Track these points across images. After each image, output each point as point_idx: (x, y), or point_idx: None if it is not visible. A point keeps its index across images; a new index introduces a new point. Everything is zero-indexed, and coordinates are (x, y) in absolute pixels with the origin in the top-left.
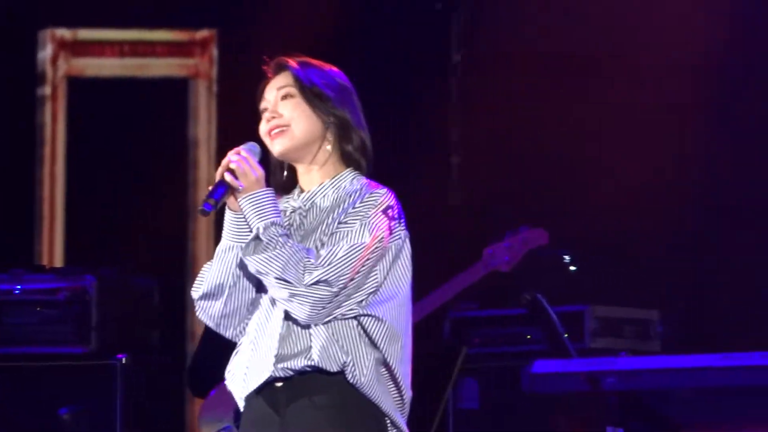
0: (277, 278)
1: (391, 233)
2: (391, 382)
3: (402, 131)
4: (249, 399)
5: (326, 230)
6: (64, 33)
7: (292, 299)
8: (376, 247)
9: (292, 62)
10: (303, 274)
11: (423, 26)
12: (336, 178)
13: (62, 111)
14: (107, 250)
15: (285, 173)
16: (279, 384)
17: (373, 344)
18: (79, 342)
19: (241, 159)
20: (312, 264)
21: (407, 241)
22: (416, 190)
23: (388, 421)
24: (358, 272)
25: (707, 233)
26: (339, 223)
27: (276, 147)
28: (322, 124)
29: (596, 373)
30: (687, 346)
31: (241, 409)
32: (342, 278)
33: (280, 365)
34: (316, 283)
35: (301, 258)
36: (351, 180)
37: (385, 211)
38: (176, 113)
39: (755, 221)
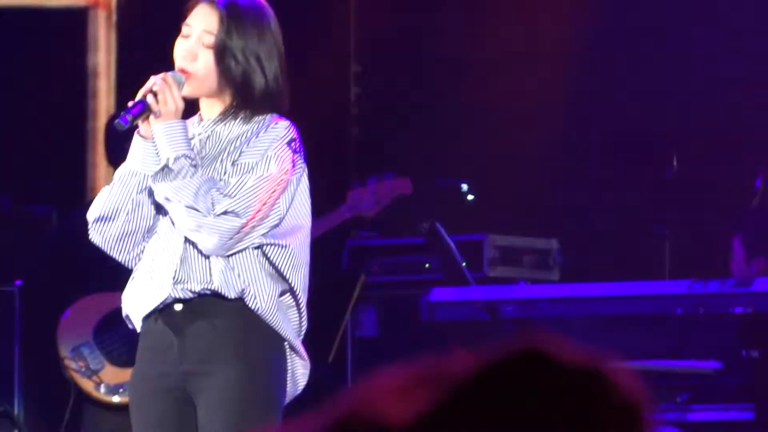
0: (187, 206)
1: (293, 166)
2: (293, 309)
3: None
4: (147, 323)
5: (228, 158)
6: None
7: (200, 229)
8: (282, 179)
9: (223, 4)
10: (212, 205)
11: None
12: (239, 112)
13: None
14: (5, 180)
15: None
16: (178, 307)
17: (278, 272)
18: None
19: (165, 85)
20: (220, 194)
21: (305, 173)
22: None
23: (287, 345)
24: (265, 204)
25: (606, 164)
26: (242, 153)
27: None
28: (233, 81)
29: (494, 301)
30: (585, 276)
31: (138, 329)
32: (250, 209)
33: (179, 286)
34: (225, 213)
35: (209, 188)
36: (252, 112)
37: (289, 144)
38: (75, 43)
39: (654, 148)
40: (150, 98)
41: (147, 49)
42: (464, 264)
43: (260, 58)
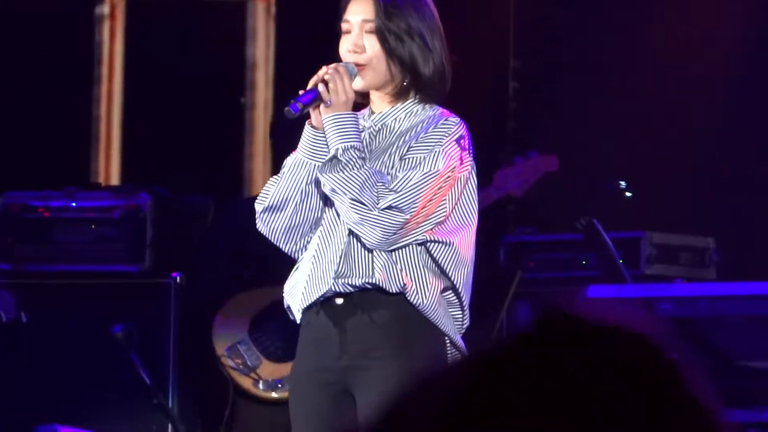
0: (352, 199)
1: (461, 163)
2: (456, 306)
3: None
4: (308, 315)
5: (396, 153)
6: None
7: (363, 223)
8: (448, 176)
9: None
10: (377, 198)
11: None
12: (409, 102)
13: (120, 30)
14: (163, 171)
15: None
16: (339, 301)
17: (441, 269)
18: (133, 260)
19: (337, 75)
20: (385, 188)
21: (474, 172)
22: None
23: (448, 341)
24: (430, 200)
25: (764, 162)
26: (410, 148)
27: (356, 82)
28: (401, 63)
29: (651, 299)
30: (742, 274)
31: (298, 321)
32: (414, 205)
33: (340, 281)
34: (389, 208)
35: (376, 181)
36: (423, 105)
37: (458, 141)
38: (234, 35)
39: None
40: (321, 87)
41: (306, 42)
42: (621, 261)
43: (424, 36)
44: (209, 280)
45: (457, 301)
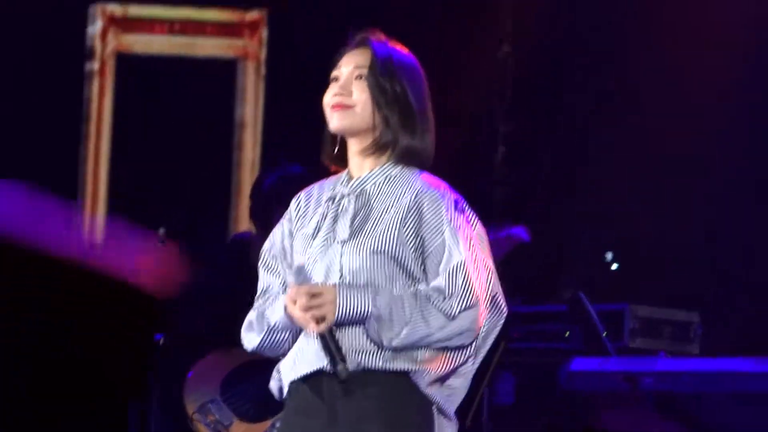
0: (427, 340)
1: (471, 225)
2: (460, 378)
3: None
4: (295, 385)
5: (390, 225)
6: (114, 8)
7: (452, 338)
8: (471, 247)
9: (376, 42)
10: (442, 313)
11: None
12: (388, 165)
13: (110, 87)
14: (149, 229)
15: (337, 148)
16: (328, 376)
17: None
18: None
19: (307, 306)
20: (441, 298)
21: (480, 223)
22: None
23: (435, 408)
24: (477, 278)
25: (750, 237)
26: (423, 239)
27: (334, 122)
28: (386, 114)
29: (634, 373)
30: (726, 350)
31: (284, 393)
32: (475, 293)
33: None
34: (460, 313)
35: (422, 304)
36: (401, 168)
37: (457, 208)
38: (223, 94)
39: None
40: (319, 328)
41: (294, 102)
42: (605, 334)
43: (412, 103)
44: (186, 338)
45: (464, 374)
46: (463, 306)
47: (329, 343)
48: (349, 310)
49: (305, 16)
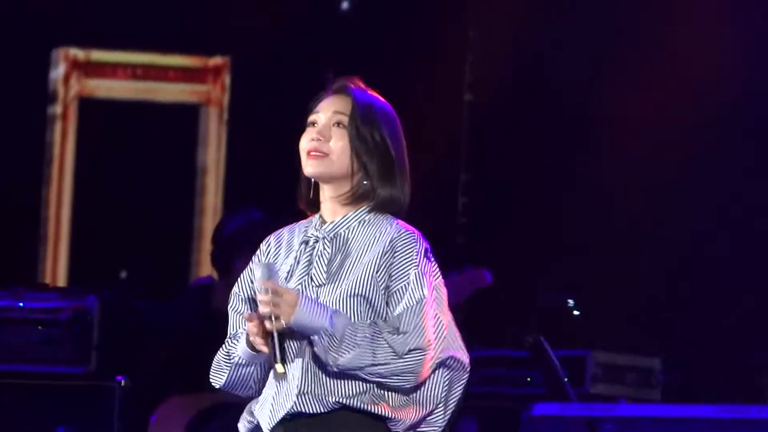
0: (369, 367)
1: (434, 275)
2: (431, 428)
3: None
4: (274, 429)
5: (365, 270)
6: (77, 53)
7: (391, 377)
8: (434, 292)
9: (356, 90)
10: (392, 348)
11: None
12: (362, 210)
13: (72, 131)
14: (111, 273)
15: (311, 192)
16: (306, 419)
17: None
18: (79, 362)
19: (267, 301)
20: (392, 335)
21: (441, 278)
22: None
23: None
24: (434, 324)
25: (710, 283)
26: (390, 276)
27: (309, 168)
28: (365, 162)
29: (595, 418)
30: (687, 396)
31: None
32: (427, 336)
33: (304, 398)
34: (410, 352)
35: (373, 336)
36: (375, 214)
37: (426, 255)
38: (186, 139)
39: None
40: (269, 325)
41: (257, 148)
42: (566, 380)
43: (390, 152)
44: (149, 381)
45: (441, 418)
46: (413, 345)
47: (275, 343)
48: (306, 319)
49: (268, 63)
